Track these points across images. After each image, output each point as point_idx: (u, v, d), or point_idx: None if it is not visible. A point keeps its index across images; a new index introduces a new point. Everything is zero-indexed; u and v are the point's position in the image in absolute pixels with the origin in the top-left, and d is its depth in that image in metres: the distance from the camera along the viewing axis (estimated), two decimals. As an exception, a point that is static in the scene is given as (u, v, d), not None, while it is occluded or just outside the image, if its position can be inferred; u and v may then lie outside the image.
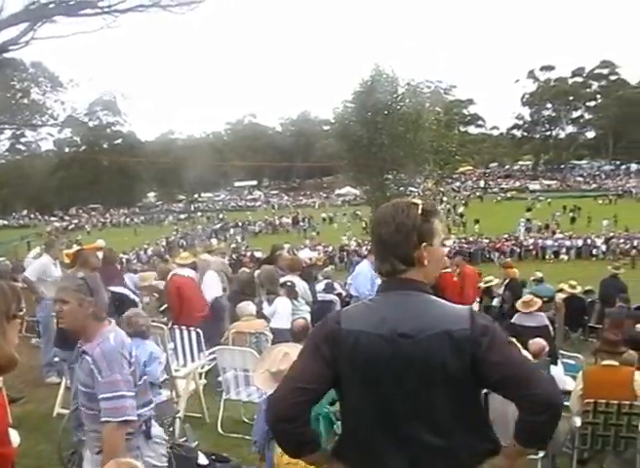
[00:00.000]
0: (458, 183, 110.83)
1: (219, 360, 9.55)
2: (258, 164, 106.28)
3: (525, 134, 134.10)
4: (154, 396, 7.47)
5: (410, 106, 43.23)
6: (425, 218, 2.94)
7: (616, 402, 7.28)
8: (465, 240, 54.95)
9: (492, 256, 48.50)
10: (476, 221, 67.06)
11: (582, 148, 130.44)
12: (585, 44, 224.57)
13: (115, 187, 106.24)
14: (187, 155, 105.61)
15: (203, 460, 6.68)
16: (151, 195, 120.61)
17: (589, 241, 51.58)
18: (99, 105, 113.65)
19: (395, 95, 43.74)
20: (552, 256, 50.32)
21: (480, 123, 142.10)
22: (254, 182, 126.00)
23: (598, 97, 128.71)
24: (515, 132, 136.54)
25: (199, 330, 10.46)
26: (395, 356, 2.77)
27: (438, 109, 47.63)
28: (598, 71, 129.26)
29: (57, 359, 9.80)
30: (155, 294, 13.64)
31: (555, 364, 9.93)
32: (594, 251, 50.23)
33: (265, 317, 11.25)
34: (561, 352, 11.16)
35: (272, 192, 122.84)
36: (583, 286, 19.24)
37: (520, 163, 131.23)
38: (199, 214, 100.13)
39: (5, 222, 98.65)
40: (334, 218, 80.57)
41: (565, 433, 8.07)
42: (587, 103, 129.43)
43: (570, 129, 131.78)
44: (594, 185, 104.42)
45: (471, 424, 2.93)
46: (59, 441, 7.15)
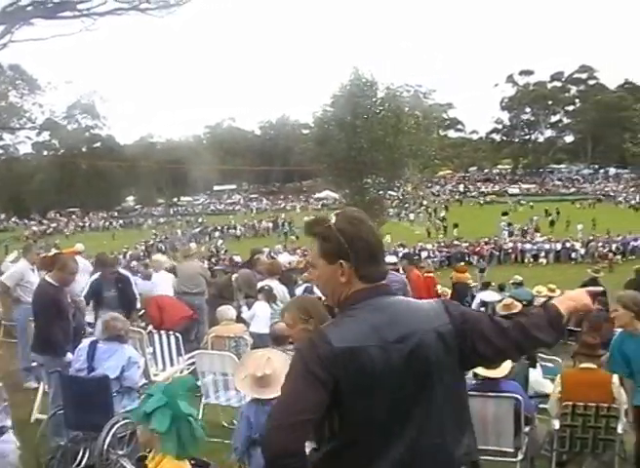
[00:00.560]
0: (437, 187, 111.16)
1: (197, 364, 9.52)
2: (237, 168, 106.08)
3: (504, 138, 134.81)
4: (133, 401, 7.47)
5: (389, 110, 43.27)
6: None
7: (594, 404, 7.30)
8: (445, 244, 55.11)
9: (471, 260, 48.57)
10: (455, 225, 67.25)
11: (561, 152, 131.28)
12: (564, 49, 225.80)
13: (94, 191, 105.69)
14: (166, 159, 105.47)
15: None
16: (130, 199, 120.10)
17: (568, 244, 51.83)
18: (77, 109, 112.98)
19: (374, 99, 43.81)
20: (531, 260, 50.56)
21: (459, 127, 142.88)
22: (233, 186, 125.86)
23: (577, 101, 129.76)
24: (494, 136, 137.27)
25: (178, 334, 10.45)
26: (393, 363, 2.76)
27: (417, 113, 47.58)
28: (577, 76, 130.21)
29: (34, 364, 9.75)
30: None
31: (534, 367, 9.97)
32: (573, 254, 50.44)
33: (244, 321, 11.24)
34: (540, 355, 11.18)
35: (252, 196, 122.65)
36: (563, 289, 19.27)
37: (499, 167, 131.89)
38: (178, 217, 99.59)
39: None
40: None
41: (544, 436, 8.11)
42: (566, 108, 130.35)
43: (549, 133, 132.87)
44: (573, 189, 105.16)
45: (460, 421, 2.99)
46: (36, 446, 7.11)
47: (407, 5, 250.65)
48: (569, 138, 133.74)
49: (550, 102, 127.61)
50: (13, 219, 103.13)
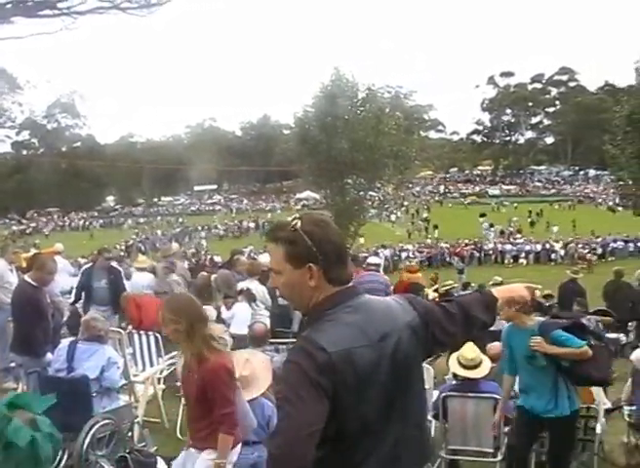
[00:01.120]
0: (418, 188, 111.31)
1: (177, 364, 9.49)
2: (218, 168, 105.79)
3: (485, 139, 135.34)
4: (112, 401, 7.44)
5: (370, 111, 43.18)
6: None
7: (573, 405, 7.34)
8: (425, 245, 55.20)
9: (451, 261, 48.64)
10: (435, 227, 67.36)
11: (541, 154, 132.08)
12: (545, 50, 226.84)
13: (74, 191, 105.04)
14: (147, 158, 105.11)
15: (162, 465, 6.67)
16: (110, 199, 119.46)
17: (548, 246, 52.02)
18: (57, 108, 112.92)
19: (355, 99, 43.68)
20: (511, 261, 50.72)
21: (440, 128, 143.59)
22: (214, 186, 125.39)
23: (557, 103, 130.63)
24: (475, 137, 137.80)
25: (158, 334, 10.41)
26: (381, 361, 2.80)
27: (398, 114, 47.45)
28: (557, 78, 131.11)
29: (13, 364, 9.69)
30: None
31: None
32: (553, 255, 50.67)
33: (224, 321, 11.21)
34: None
35: (232, 196, 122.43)
36: (543, 290, 19.35)
37: (480, 168, 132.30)
38: (159, 218, 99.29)
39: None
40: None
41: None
42: (546, 109, 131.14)
43: (529, 134, 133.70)
44: (553, 190, 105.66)
45: (425, 412, 3.18)
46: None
47: (388, 6, 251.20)
48: (549, 140, 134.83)
49: (531, 104, 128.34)
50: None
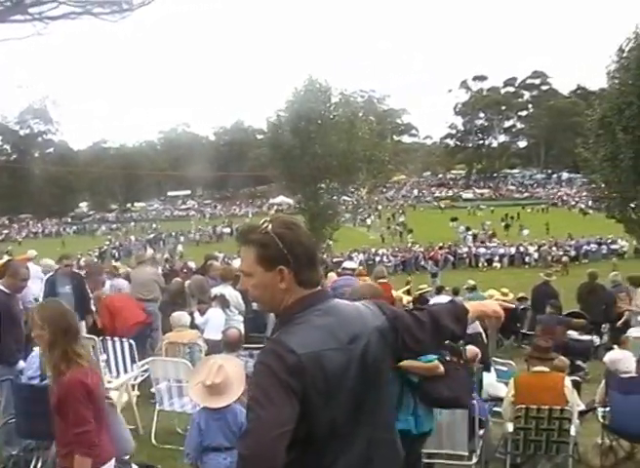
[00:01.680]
0: (391, 192, 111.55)
1: (152, 371, 9.46)
2: (191, 173, 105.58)
3: (458, 143, 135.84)
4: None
5: (343, 116, 43.34)
6: None
7: (547, 407, 7.38)
8: (399, 249, 55.21)
9: (425, 265, 48.67)
10: (409, 231, 67.43)
11: (515, 157, 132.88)
12: (518, 54, 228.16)
13: (47, 197, 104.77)
14: (120, 164, 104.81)
15: (136, 473, 6.62)
16: (83, 205, 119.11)
17: (522, 249, 52.18)
18: (30, 114, 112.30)
19: (328, 104, 43.82)
20: (485, 264, 50.84)
21: (413, 132, 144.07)
22: (187, 192, 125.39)
23: (530, 106, 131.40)
24: (448, 141, 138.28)
25: (132, 341, 10.37)
26: (350, 364, 2.80)
27: (371, 118, 47.74)
28: (530, 81, 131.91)
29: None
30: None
31: (488, 370, 10.04)
32: (527, 258, 50.83)
33: (198, 327, 11.18)
34: (494, 359, 11.28)
35: (206, 202, 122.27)
36: (517, 293, 19.43)
37: (453, 172, 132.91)
38: (132, 223, 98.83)
39: None
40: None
41: (498, 439, 8.18)
42: (519, 113, 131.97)
43: (502, 138, 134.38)
44: (526, 194, 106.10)
45: (395, 415, 3.09)
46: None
47: (361, 11, 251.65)
48: (522, 143, 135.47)
49: (504, 108, 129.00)
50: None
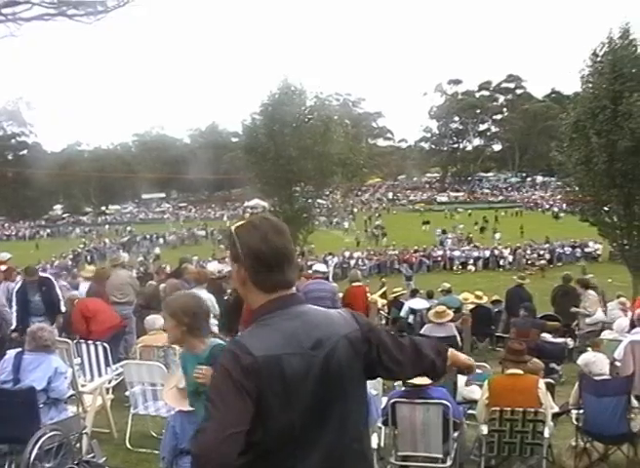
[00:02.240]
0: (366, 195, 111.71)
1: (126, 374, 9.43)
2: (166, 176, 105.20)
3: (433, 146, 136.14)
4: (60, 412, 7.36)
5: (318, 119, 43.22)
6: None
7: (521, 409, 7.43)
8: (374, 252, 55.24)
9: (400, 268, 48.75)
10: (384, 234, 67.53)
11: (489, 161, 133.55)
12: (492, 58, 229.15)
13: (20, 199, 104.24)
14: (94, 167, 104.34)
15: (111, 476, 6.61)
16: (58, 207, 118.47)
17: (497, 252, 52.40)
18: (3, 116, 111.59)
19: (303, 107, 43.71)
20: (460, 267, 50.97)
21: (389, 136, 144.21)
22: (162, 195, 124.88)
23: (505, 110, 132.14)
24: (423, 144, 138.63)
25: (106, 344, 10.34)
26: (311, 370, 2.78)
27: (346, 122, 47.68)
28: (505, 85, 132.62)
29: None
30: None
31: (463, 373, 10.06)
32: (501, 261, 51.04)
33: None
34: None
35: (180, 205, 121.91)
36: (491, 296, 19.51)
37: (428, 175, 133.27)
38: (107, 226, 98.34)
39: None
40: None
41: (472, 441, 8.22)
42: (494, 116, 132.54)
43: (477, 141, 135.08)
44: (501, 197, 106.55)
45: (366, 426, 3.12)
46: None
47: (336, 13, 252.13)
48: (497, 147, 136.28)
49: (478, 111, 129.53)
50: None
